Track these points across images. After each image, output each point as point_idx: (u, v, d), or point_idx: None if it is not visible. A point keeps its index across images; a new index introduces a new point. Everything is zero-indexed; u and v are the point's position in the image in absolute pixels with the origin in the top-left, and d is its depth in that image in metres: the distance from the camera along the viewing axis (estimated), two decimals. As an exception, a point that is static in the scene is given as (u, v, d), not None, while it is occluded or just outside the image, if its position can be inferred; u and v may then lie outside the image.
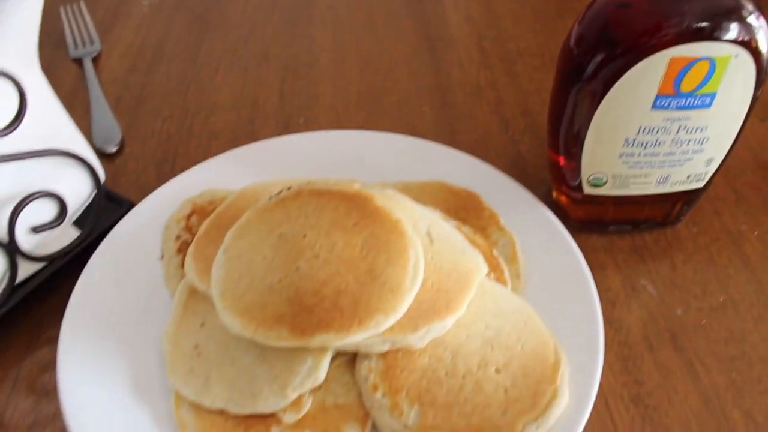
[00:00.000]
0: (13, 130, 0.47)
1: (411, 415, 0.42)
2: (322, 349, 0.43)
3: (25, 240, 0.50)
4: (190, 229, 0.54)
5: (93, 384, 0.45)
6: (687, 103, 0.47)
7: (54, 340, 0.50)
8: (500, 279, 0.50)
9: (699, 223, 0.58)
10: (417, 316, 0.43)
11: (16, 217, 0.49)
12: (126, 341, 0.48)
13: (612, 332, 0.51)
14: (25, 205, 0.49)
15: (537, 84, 0.74)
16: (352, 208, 0.46)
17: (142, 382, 0.46)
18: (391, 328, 0.42)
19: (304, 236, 0.45)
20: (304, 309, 0.42)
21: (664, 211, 0.56)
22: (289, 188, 0.49)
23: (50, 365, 0.50)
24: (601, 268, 0.55)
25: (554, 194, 0.58)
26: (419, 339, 0.43)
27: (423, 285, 0.44)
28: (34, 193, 0.49)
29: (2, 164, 0.48)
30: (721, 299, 0.53)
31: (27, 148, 0.49)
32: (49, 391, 0.49)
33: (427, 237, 0.47)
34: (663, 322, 0.52)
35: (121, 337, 0.49)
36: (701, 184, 0.54)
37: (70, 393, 0.45)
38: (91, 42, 0.80)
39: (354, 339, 0.42)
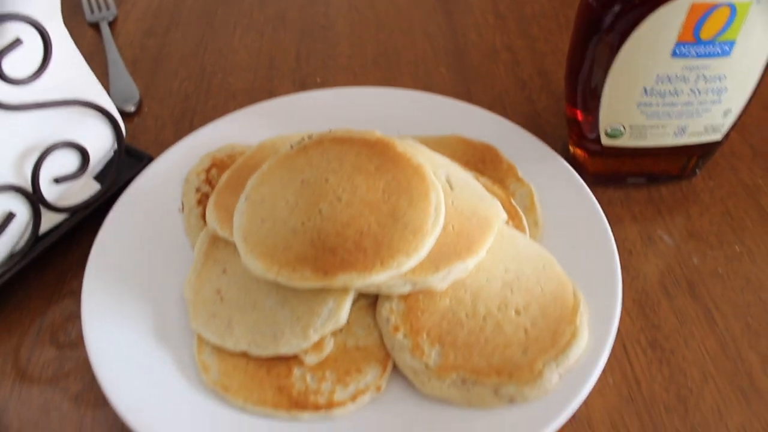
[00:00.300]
0: (37, 78, 0.48)
1: (432, 356, 0.42)
2: (344, 291, 0.43)
3: (48, 191, 0.51)
4: (210, 182, 0.55)
5: (117, 332, 0.46)
6: (706, 51, 0.47)
7: (76, 293, 0.51)
8: (519, 227, 0.50)
9: (715, 178, 0.59)
10: (438, 258, 0.43)
11: (40, 167, 0.49)
12: (147, 290, 0.49)
13: (629, 280, 0.51)
14: (49, 154, 0.49)
15: (553, 46, 0.74)
16: (373, 153, 0.47)
17: (164, 329, 0.47)
18: (413, 270, 0.43)
19: (327, 180, 0.46)
20: (327, 250, 0.43)
21: (681, 165, 0.56)
22: (310, 137, 0.49)
23: (72, 316, 0.51)
24: (617, 220, 0.55)
25: (571, 149, 0.58)
26: (440, 280, 0.44)
27: (444, 228, 0.44)
28: (57, 143, 0.50)
29: (27, 112, 0.48)
30: (738, 249, 0.53)
31: (51, 97, 0.49)
32: (72, 341, 0.49)
33: (447, 183, 0.48)
34: (680, 270, 0.52)
35: (143, 287, 0.49)
36: (718, 137, 0.54)
37: (95, 341, 0.45)
38: (107, 7, 0.80)
39: (376, 279, 0.42)
